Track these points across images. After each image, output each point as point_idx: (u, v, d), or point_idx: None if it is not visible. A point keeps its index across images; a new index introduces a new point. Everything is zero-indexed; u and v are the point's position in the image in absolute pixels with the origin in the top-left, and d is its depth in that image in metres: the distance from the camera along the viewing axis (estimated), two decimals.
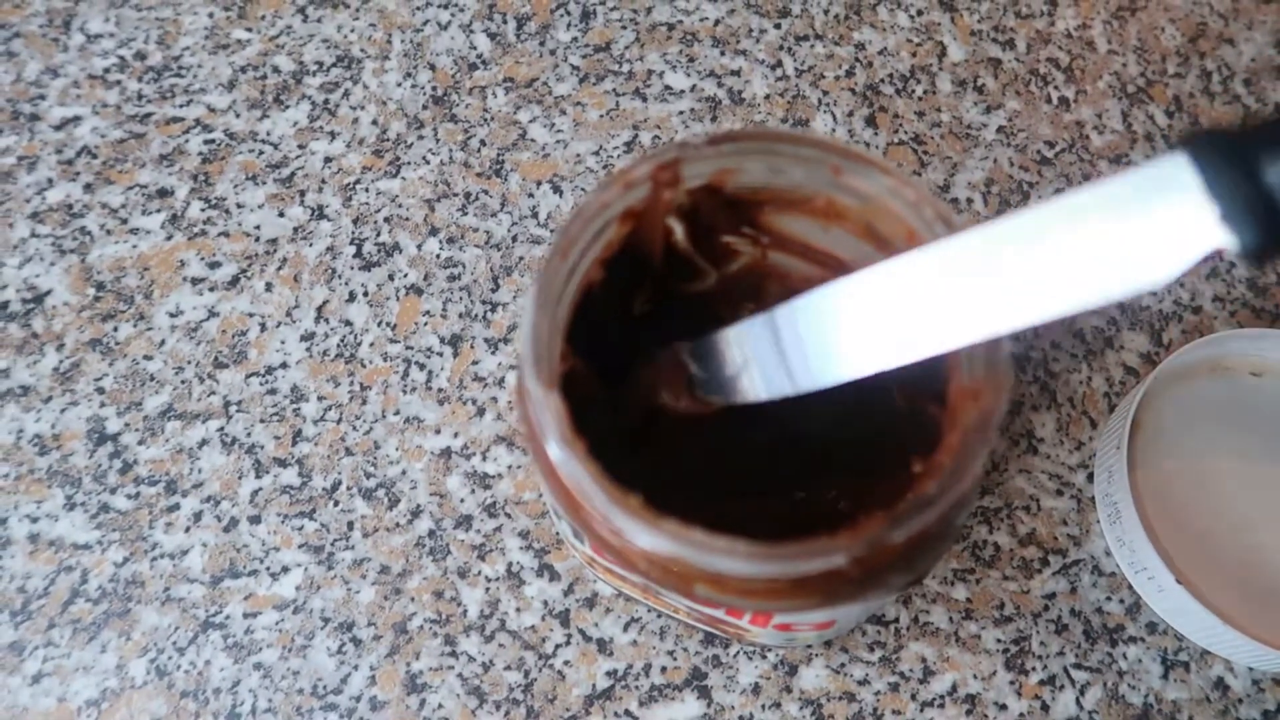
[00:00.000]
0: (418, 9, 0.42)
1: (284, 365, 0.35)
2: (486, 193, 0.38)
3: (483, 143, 0.39)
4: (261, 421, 0.34)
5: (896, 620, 0.32)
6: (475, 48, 0.41)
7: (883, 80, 0.40)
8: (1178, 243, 0.16)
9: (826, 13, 0.41)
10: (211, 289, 0.36)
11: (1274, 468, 0.32)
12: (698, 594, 0.21)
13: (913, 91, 0.40)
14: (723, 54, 0.41)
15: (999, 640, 0.32)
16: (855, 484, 0.25)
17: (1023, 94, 0.40)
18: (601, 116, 0.39)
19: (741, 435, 0.26)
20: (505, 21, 0.41)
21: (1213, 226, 0.15)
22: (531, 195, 0.38)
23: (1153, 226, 0.16)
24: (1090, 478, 0.34)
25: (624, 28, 0.41)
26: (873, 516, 0.19)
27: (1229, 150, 0.15)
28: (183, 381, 0.35)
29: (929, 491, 0.19)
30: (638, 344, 0.27)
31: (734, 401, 0.24)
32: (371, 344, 0.36)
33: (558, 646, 0.32)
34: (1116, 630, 0.32)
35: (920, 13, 0.42)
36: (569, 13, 0.42)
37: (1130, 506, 0.31)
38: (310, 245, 0.37)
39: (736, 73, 0.40)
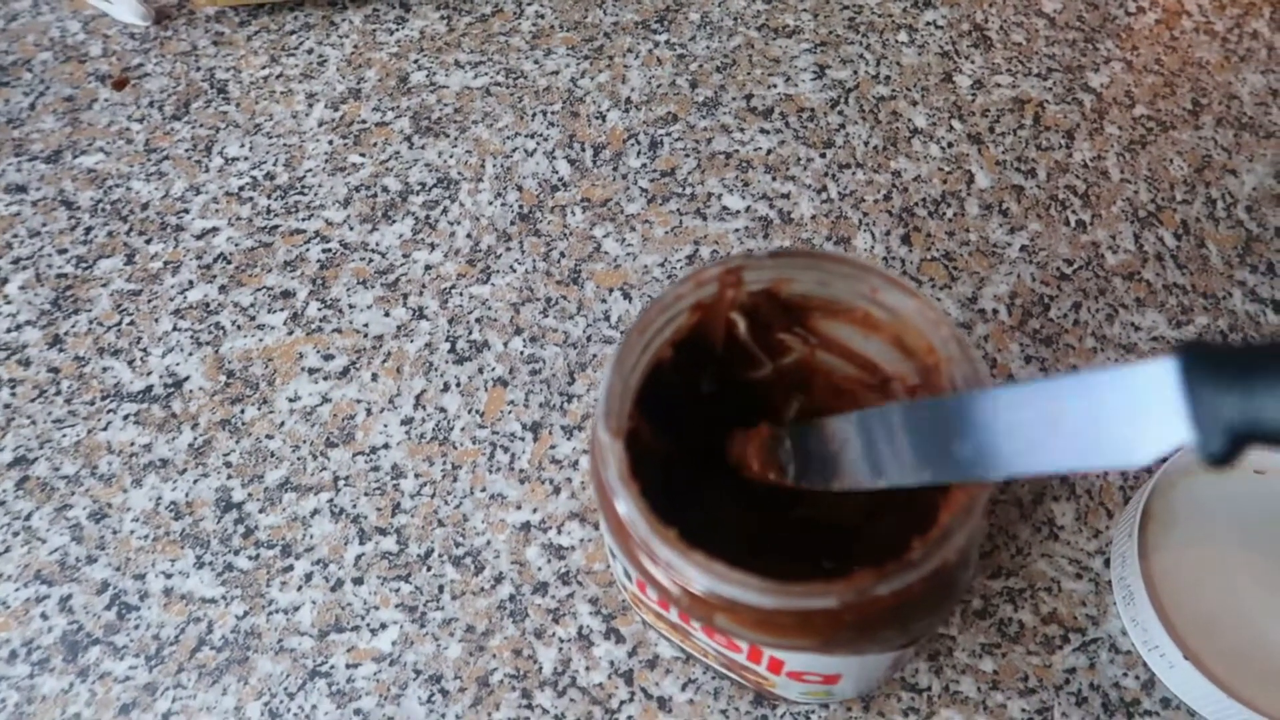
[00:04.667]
0: (508, 138, 0.48)
1: (386, 446, 0.40)
2: (565, 298, 0.43)
3: (562, 254, 0.44)
4: (365, 495, 0.39)
5: (929, 689, 0.35)
6: (557, 172, 0.47)
7: (917, 204, 0.45)
8: (1154, 438, 0.19)
9: (866, 144, 0.47)
10: (325, 378, 0.42)
11: (1274, 558, 0.36)
12: (717, 623, 0.25)
13: (944, 214, 0.45)
14: (774, 179, 0.46)
15: (1024, 710, 0.35)
16: (873, 558, 0.29)
17: (1043, 217, 0.45)
18: (666, 233, 0.45)
19: (781, 506, 0.31)
20: (583, 149, 0.47)
21: (1185, 432, 0.18)
22: (604, 301, 0.43)
23: (1137, 421, 0.19)
24: (1107, 563, 0.37)
25: (687, 156, 0.47)
26: (864, 571, 0.23)
27: (1210, 372, 0.18)
28: (299, 458, 0.40)
29: (913, 556, 0.23)
30: (699, 415, 0.32)
31: (815, 485, 0.28)
32: (462, 429, 0.40)
33: (622, 703, 0.35)
34: (1133, 704, 0.35)
35: (950, 145, 0.47)
36: (639, 142, 0.48)
37: (1142, 590, 0.34)
38: (411, 342, 0.42)
39: (786, 196, 0.46)
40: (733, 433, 0.30)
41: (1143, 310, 0.42)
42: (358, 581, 0.38)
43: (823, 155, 0.47)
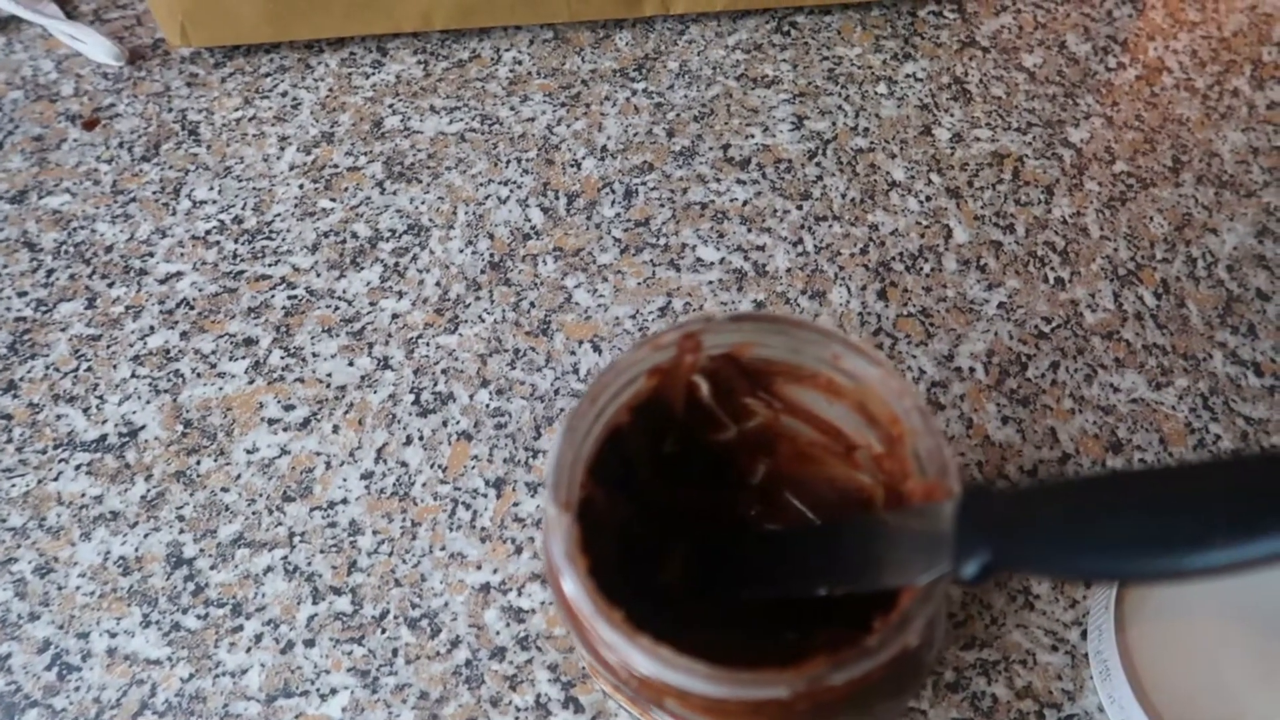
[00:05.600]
0: (481, 185, 0.47)
1: (344, 501, 0.39)
2: (533, 350, 0.42)
3: (532, 304, 0.44)
4: (321, 552, 0.38)
5: None
6: (530, 220, 0.46)
7: (894, 258, 0.45)
8: (933, 566, 0.23)
9: (844, 197, 0.46)
10: (285, 429, 0.41)
11: (1254, 633, 0.35)
12: (667, 707, 0.24)
13: (921, 269, 0.44)
14: (749, 231, 0.45)
15: None
16: (841, 637, 0.28)
17: (1022, 274, 0.44)
18: (639, 284, 0.44)
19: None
20: (557, 198, 0.47)
21: (951, 562, 0.22)
22: (574, 353, 0.42)
23: (915, 548, 0.24)
24: (1084, 634, 0.36)
25: (662, 206, 0.46)
26: (817, 657, 0.22)
27: (977, 513, 0.22)
28: (254, 512, 0.39)
29: (870, 642, 0.22)
30: (660, 478, 0.31)
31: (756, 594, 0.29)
32: (424, 484, 0.39)
33: None
34: None
35: (929, 199, 0.46)
36: (614, 191, 0.47)
37: (1119, 665, 0.33)
38: (374, 393, 0.41)
39: (761, 248, 0.45)
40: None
41: (1122, 371, 0.41)
42: (309, 644, 0.36)
43: (799, 207, 0.46)
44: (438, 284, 0.44)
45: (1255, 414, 0.40)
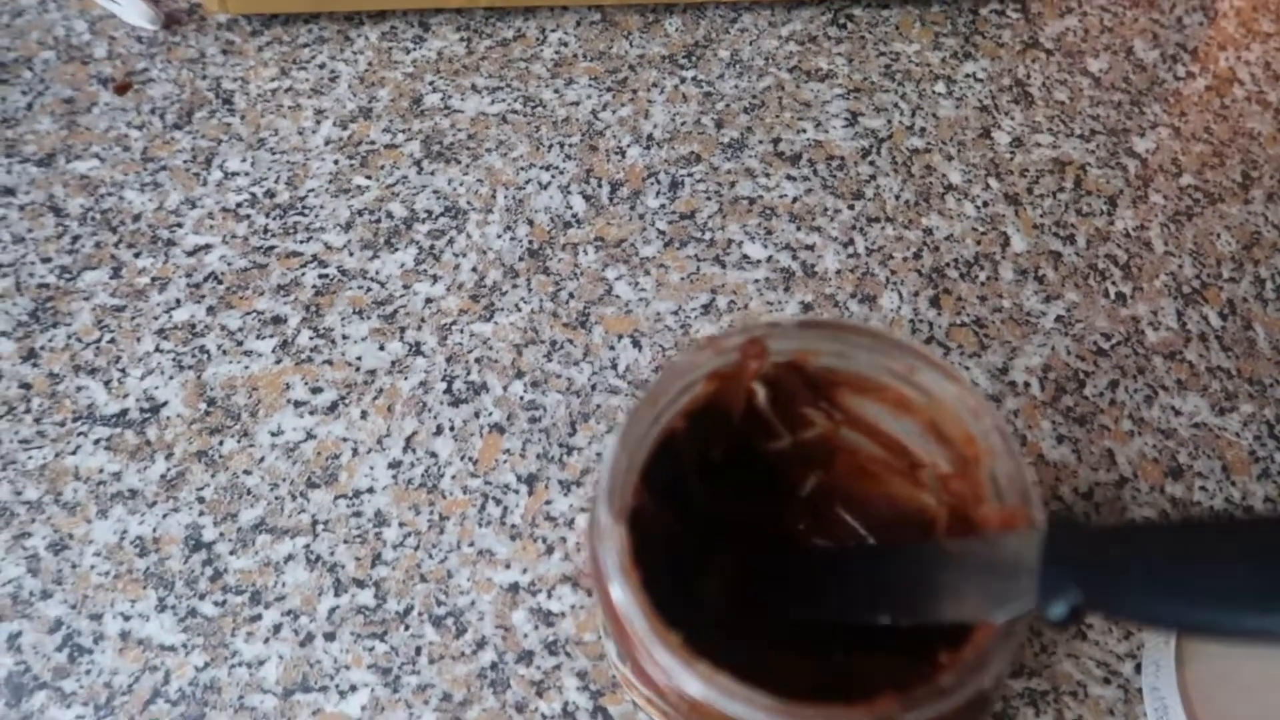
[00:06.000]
0: (522, 169, 0.46)
1: (370, 490, 0.38)
2: (571, 342, 0.41)
3: (571, 295, 0.42)
4: (345, 542, 0.37)
5: None
6: (571, 207, 0.45)
7: (948, 264, 0.43)
8: (1010, 601, 0.21)
9: (898, 198, 0.45)
10: (312, 413, 0.39)
11: None
12: None
13: (976, 277, 0.42)
14: (799, 229, 0.44)
15: None
16: (896, 662, 0.26)
17: (1081, 287, 0.42)
18: (682, 279, 0.42)
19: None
20: (600, 186, 0.45)
21: (1036, 599, 0.20)
22: (612, 348, 0.41)
23: (987, 581, 0.22)
24: (1139, 668, 0.34)
25: (708, 199, 0.45)
26: (887, 695, 0.20)
27: (1065, 548, 0.21)
28: (276, 498, 0.37)
29: (945, 681, 0.21)
30: (708, 486, 0.30)
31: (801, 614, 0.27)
32: (453, 477, 0.38)
33: None
34: None
35: (986, 204, 0.44)
36: (659, 182, 0.45)
37: (1178, 703, 0.31)
38: (405, 379, 0.40)
39: (810, 247, 0.43)
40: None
41: (1184, 393, 0.40)
42: (329, 637, 0.35)
43: (851, 207, 0.44)
44: (474, 269, 0.43)
45: None
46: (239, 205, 0.45)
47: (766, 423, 0.29)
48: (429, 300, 0.42)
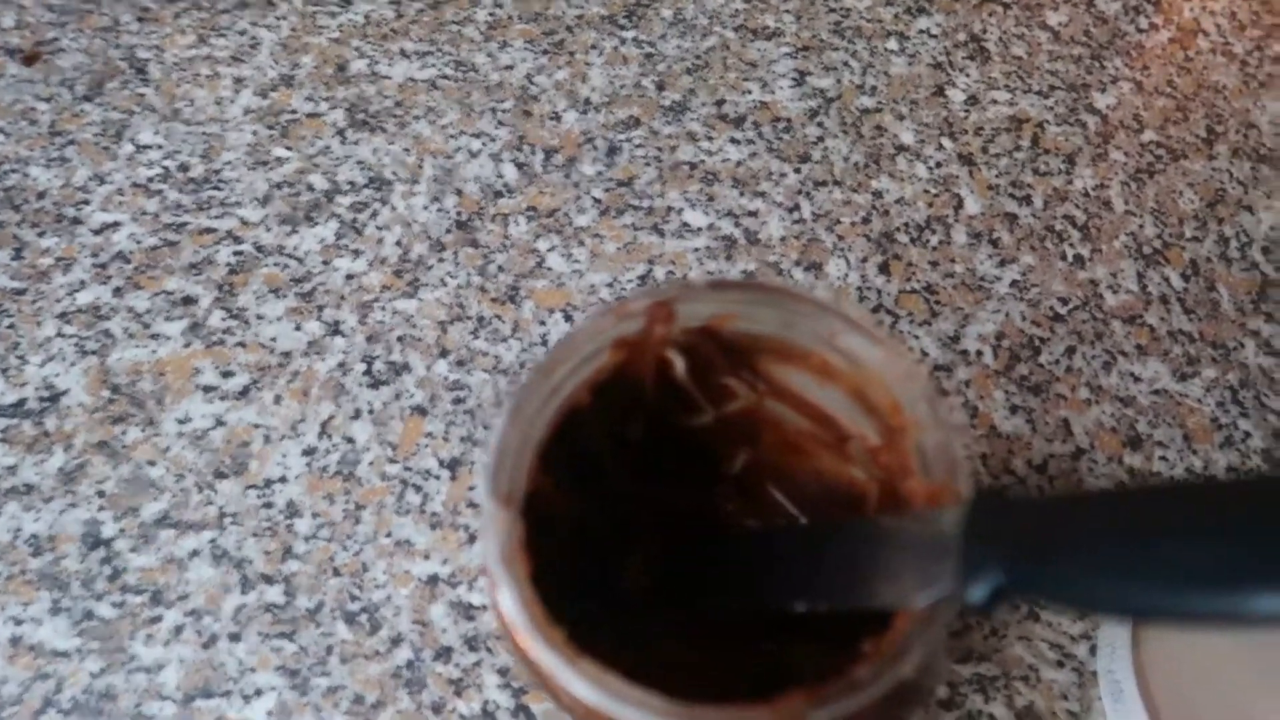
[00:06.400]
0: (451, 137, 0.43)
1: (283, 479, 0.35)
2: (499, 318, 0.39)
3: (500, 268, 0.40)
4: (254, 535, 0.34)
5: None
6: (502, 176, 0.42)
7: (898, 229, 0.41)
8: (933, 584, 0.19)
9: (846, 160, 0.42)
10: (222, 398, 0.37)
11: None
12: None
13: (927, 241, 0.40)
14: (742, 195, 0.41)
15: None
16: (828, 653, 0.24)
17: (1037, 249, 0.40)
18: (618, 249, 0.40)
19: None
20: (534, 153, 0.43)
21: (956, 581, 0.18)
22: (543, 323, 0.38)
23: (912, 562, 0.20)
24: (1093, 650, 0.32)
25: (648, 165, 0.42)
26: (794, 692, 0.18)
27: (988, 527, 0.18)
28: (182, 490, 0.35)
29: (859, 674, 0.19)
30: (625, 468, 0.28)
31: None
32: (371, 463, 0.36)
33: None
34: None
35: (939, 165, 0.42)
36: (596, 148, 0.43)
37: (1132, 686, 0.29)
38: (323, 360, 0.38)
39: (754, 214, 0.41)
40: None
41: (1144, 359, 0.38)
42: (235, 638, 0.33)
43: (797, 170, 0.42)
44: (398, 243, 0.40)
45: None
46: (150, 180, 0.42)
47: (687, 396, 0.27)
48: (350, 276, 0.40)
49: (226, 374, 0.37)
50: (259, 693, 0.32)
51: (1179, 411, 0.37)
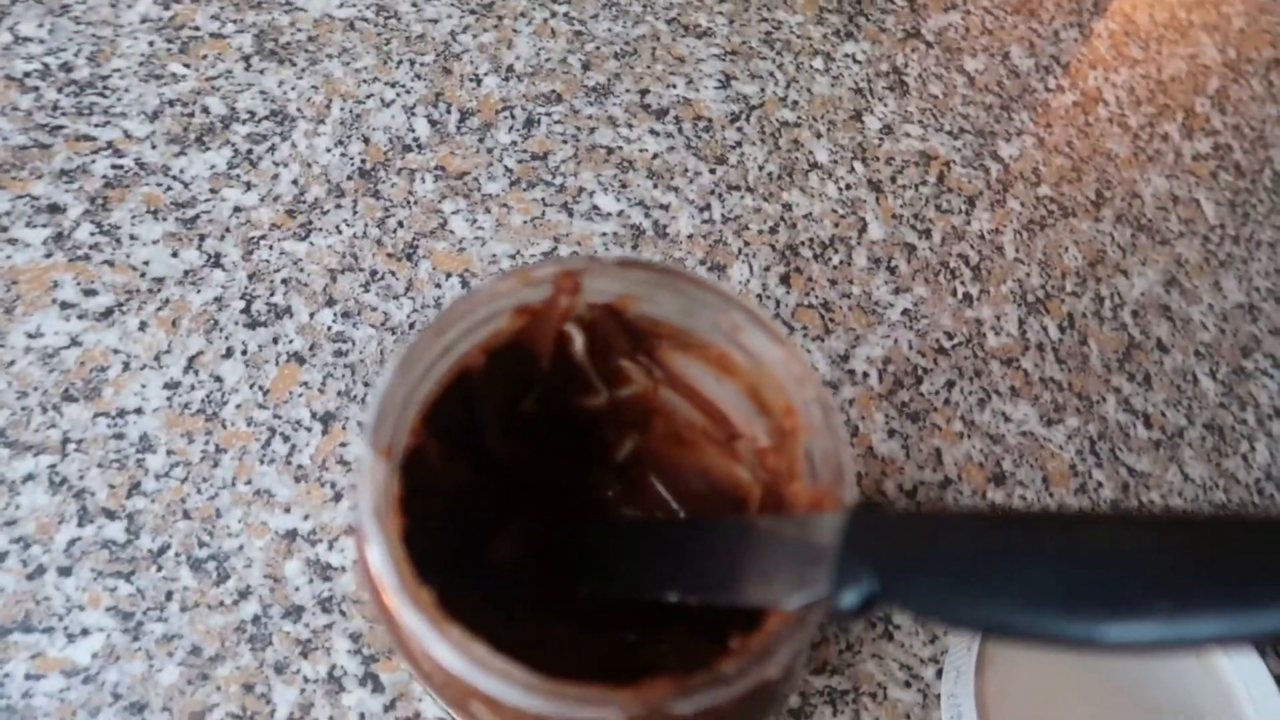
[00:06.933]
0: (364, 81, 0.41)
1: (138, 410, 0.33)
2: (394, 274, 0.37)
3: (400, 224, 0.38)
4: (99, 466, 0.32)
5: None
6: (414, 130, 0.41)
7: (803, 243, 0.41)
8: (806, 587, 0.19)
9: (761, 169, 0.43)
10: (80, 317, 0.34)
11: (1123, 688, 0.33)
12: (473, 712, 0.20)
13: (829, 259, 0.41)
14: (655, 186, 0.41)
15: None
16: (695, 646, 0.24)
17: (931, 282, 0.41)
18: (525, 222, 0.39)
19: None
20: (449, 112, 0.41)
21: (829, 586, 0.18)
22: (439, 286, 0.37)
23: (788, 564, 0.20)
24: (939, 674, 0.33)
25: (564, 142, 0.42)
26: (659, 680, 0.18)
27: (865, 536, 0.19)
28: (23, 408, 0.32)
29: (725, 669, 0.18)
30: (514, 439, 0.27)
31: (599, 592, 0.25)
32: (238, 406, 0.34)
33: None
34: None
35: (849, 187, 0.43)
36: (514, 117, 0.42)
37: (972, 711, 0.30)
38: (198, 292, 0.36)
39: (665, 207, 0.41)
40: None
41: (1016, 401, 0.39)
42: (64, 572, 0.30)
43: (713, 171, 0.42)
44: (294, 182, 0.38)
45: (1139, 466, 0.39)
46: (27, 75, 0.39)
47: (583, 375, 0.26)
48: (238, 209, 0.38)
49: (89, 292, 0.35)
50: (85, 632, 0.29)
51: (1041, 454, 0.39)
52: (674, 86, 0.44)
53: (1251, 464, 0.40)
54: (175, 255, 0.36)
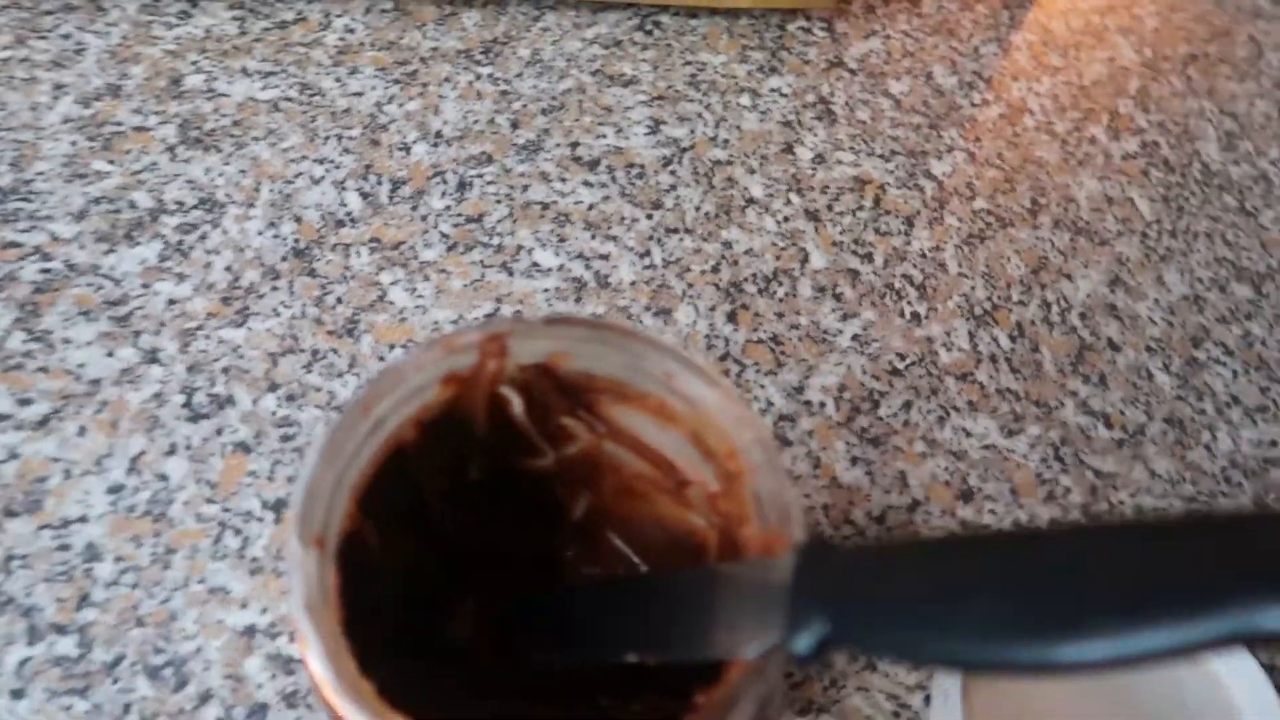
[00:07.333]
0: (292, 161, 0.41)
1: (83, 519, 0.32)
2: (335, 351, 0.37)
3: (339, 300, 0.38)
4: (46, 580, 0.31)
5: None
6: (346, 205, 0.40)
7: (746, 279, 0.41)
8: (763, 634, 0.18)
9: (698, 209, 0.43)
10: (17, 428, 0.34)
11: (1114, 705, 0.32)
12: None
13: (774, 293, 0.41)
14: (593, 237, 0.41)
15: None
16: (651, 703, 0.24)
17: (878, 305, 0.41)
18: (465, 286, 0.39)
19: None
20: (380, 183, 0.41)
21: (782, 632, 0.18)
22: (382, 359, 0.37)
23: (746, 612, 0.19)
24: (928, 699, 0.33)
25: (499, 202, 0.42)
26: None
27: (815, 576, 0.18)
28: None
29: None
30: (467, 516, 0.26)
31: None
32: (186, 503, 0.33)
33: None
34: None
35: (787, 219, 0.43)
36: (446, 182, 0.42)
37: None
38: (136, 390, 0.35)
39: (605, 257, 0.41)
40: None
41: (975, 414, 0.39)
42: (17, 695, 0.29)
43: (649, 216, 0.42)
44: (228, 269, 0.38)
45: (1105, 468, 0.39)
46: None
47: (526, 437, 0.26)
48: (172, 302, 0.37)
49: (24, 401, 0.34)
50: None
51: (1006, 467, 0.38)
52: (604, 137, 0.45)
53: (1215, 453, 0.40)
54: (110, 355, 0.35)
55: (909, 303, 0.42)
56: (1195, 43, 0.55)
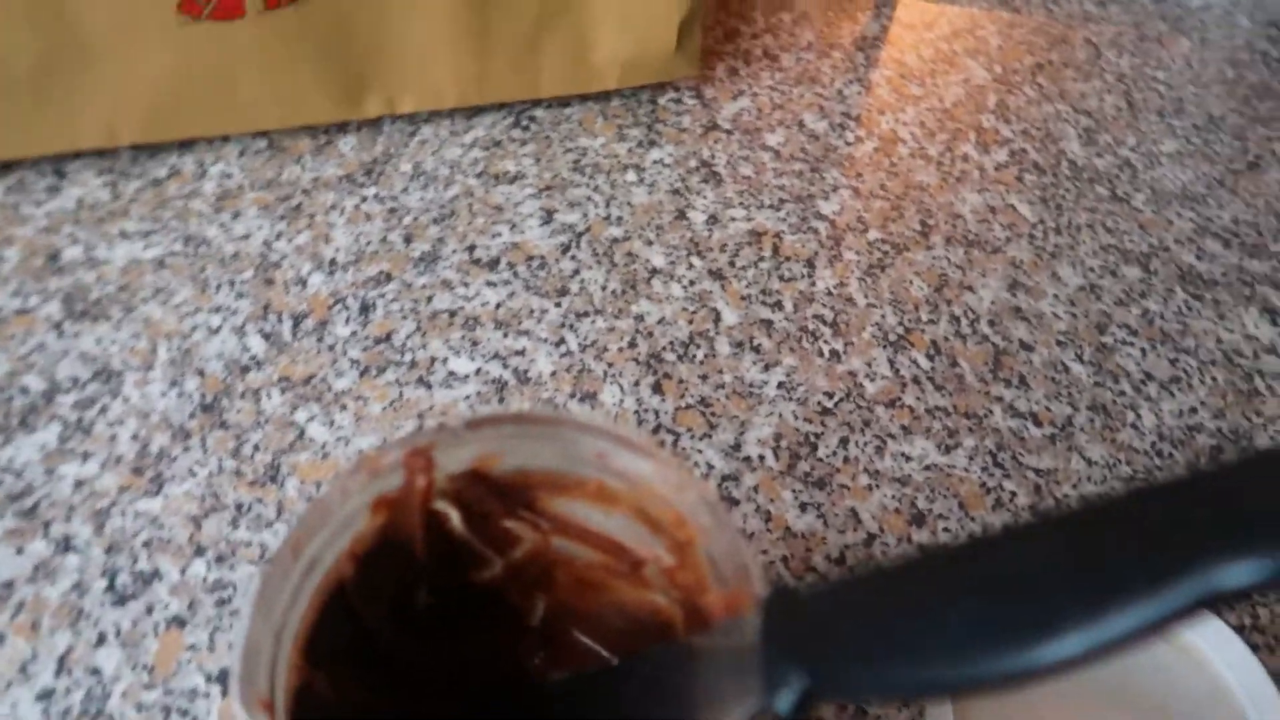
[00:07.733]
0: (186, 315, 0.40)
1: None
2: (261, 501, 0.35)
3: (256, 447, 0.37)
4: None
5: None
6: (249, 349, 0.40)
7: (664, 348, 0.41)
8: (739, 697, 0.18)
9: (604, 289, 0.43)
10: None
11: (1113, 696, 0.32)
12: None
13: (694, 356, 0.41)
14: (506, 335, 0.41)
15: None
16: None
17: (797, 350, 0.42)
18: (385, 408, 0.38)
19: None
20: (281, 321, 0.41)
21: (763, 692, 0.17)
22: (311, 499, 0.35)
23: (725, 677, 0.19)
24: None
25: (404, 317, 0.41)
26: None
27: (783, 628, 0.18)
28: None
29: None
30: (421, 641, 0.25)
31: None
32: (124, 694, 0.31)
33: None
34: None
35: (692, 283, 0.44)
36: (347, 308, 0.41)
37: None
38: (53, 584, 0.33)
39: (521, 353, 0.40)
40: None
41: (910, 438, 0.40)
42: None
43: (558, 304, 0.42)
44: (135, 438, 0.37)
45: (1042, 465, 0.39)
46: None
47: (470, 549, 0.25)
48: (79, 483, 0.35)
49: None
50: None
51: (950, 483, 0.39)
52: (499, 235, 0.45)
53: (1142, 430, 0.41)
54: (20, 552, 0.34)
55: (825, 342, 0.42)
56: (1038, 53, 0.58)
